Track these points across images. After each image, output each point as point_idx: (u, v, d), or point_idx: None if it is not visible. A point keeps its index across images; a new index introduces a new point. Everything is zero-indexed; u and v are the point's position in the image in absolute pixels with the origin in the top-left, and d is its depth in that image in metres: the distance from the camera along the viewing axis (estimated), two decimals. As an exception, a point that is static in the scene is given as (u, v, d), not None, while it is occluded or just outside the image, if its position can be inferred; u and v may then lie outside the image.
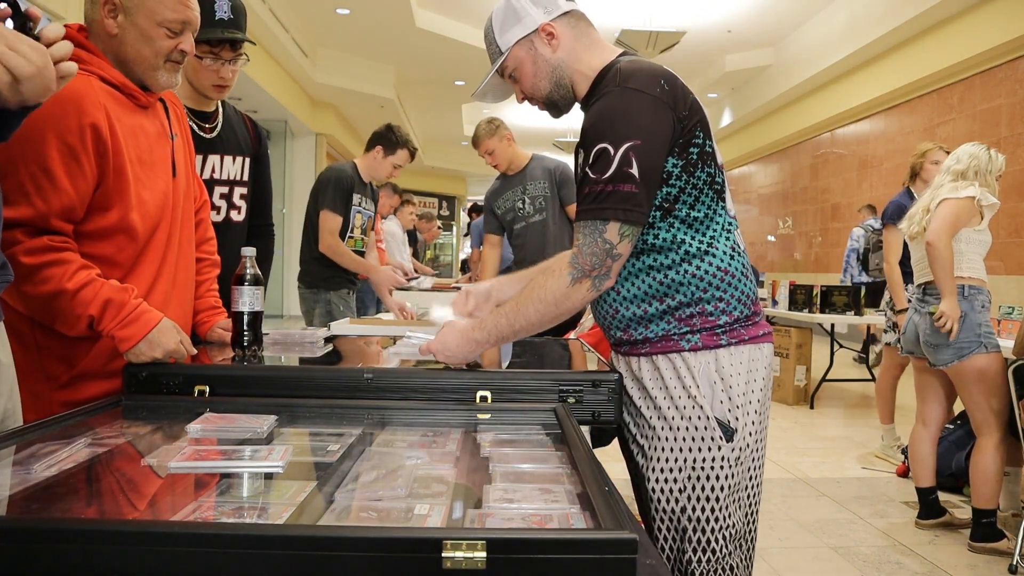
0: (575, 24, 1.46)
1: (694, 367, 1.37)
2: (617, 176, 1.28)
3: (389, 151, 3.58)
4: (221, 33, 1.89)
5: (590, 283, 1.33)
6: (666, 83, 1.33)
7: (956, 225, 2.96)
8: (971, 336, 2.95)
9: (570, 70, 1.44)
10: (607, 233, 1.31)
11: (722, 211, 1.40)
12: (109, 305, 1.34)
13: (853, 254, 8.02)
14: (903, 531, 3.25)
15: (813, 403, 5.99)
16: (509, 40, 1.44)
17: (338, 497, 0.85)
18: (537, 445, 1.12)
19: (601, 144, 1.30)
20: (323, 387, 1.38)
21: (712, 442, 1.35)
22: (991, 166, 3.07)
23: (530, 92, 1.48)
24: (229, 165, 2.15)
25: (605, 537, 0.69)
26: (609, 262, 1.32)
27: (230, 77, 1.97)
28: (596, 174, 1.31)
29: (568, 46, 1.44)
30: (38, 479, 0.89)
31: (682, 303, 1.38)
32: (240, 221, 2.21)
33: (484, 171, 20.29)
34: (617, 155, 1.28)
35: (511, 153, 3.68)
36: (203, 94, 2.01)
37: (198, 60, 1.91)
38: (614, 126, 1.31)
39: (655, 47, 8.12)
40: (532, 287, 1.37)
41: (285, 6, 9.01)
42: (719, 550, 1.36)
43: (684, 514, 1.36)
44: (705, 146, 1.36)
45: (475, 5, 9.40)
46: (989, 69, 7.48)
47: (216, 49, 1.91)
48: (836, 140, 10.83)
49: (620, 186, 1.29)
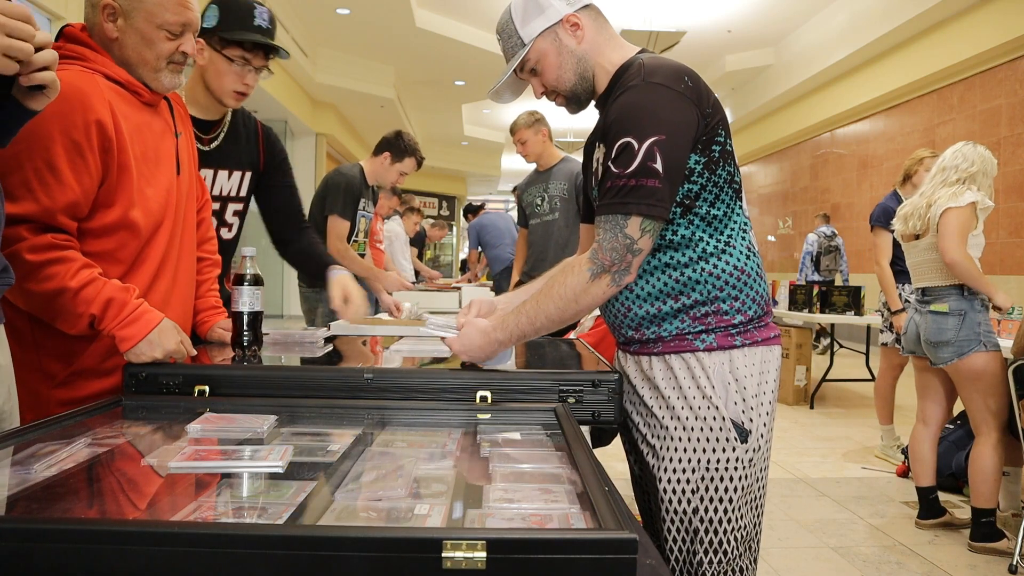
0: (595, 18, 1.45)
1: (709, 367, 1.36)
2: (641, 171, 1.27)
3: (397, 158, 3.59)
4: (260, 38, 1.85)
5: (610, 278, 1.32)
6: (690, 80, 1.33)
7: (965, 235, 2.95)
8: (970, 335, 2.96)
9: (592, 63, 1.43)
10: (628, 228, 1.29)
11: (740, 210, 1.40)
12: (111, 304, 1.34)
13: (807, 256, 8.96)
14: (903, 531, 3.25)
15: (813, 403, 5.99)
16: (533, 31, 1.41)
17: (338, 497, 0.85)
18: (537, 445, 1.12)
19: (625, 138, 1.29)
20: (323, 387, 1.38)
21: (727, 443, 1.34)
22: (987, 166, 3.08)
23: (553, 85, 1.45)
24: (224, 180, 2.04)
25: (605, 537, 0.69)
26: (630, 257, 1.30)
27: (252, 85, 1.92)
28: (619, 168, 1.29)
29: (591, 38, 1.42)
30: (38, 479, 0.89)
31: (697, 301, 1.37)
32: (231, 239, 2.12)
33: (484, 171, 20.33)
34: (642, 149, 1.27)
35: (542, 149, 3.76)
36: (219, 99, 1.92)
37: (227, 62, 1.85)
38: (639, 120, 1.29)
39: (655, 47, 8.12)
40: (552, 284, 1.36)
41: (285, 6, 9.02)
42: (731, 551, 1.35)
43: (696, 515, 1.36)
44: (726, 144, 1.36)
45: (475, 5, 9.41)
46: (989, 69, 7.48)
47: (249, 54, 1.87)
48: (836, 140, 10.83)
49: (644, 181, 1.27)
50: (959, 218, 2.95)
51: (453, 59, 10.81)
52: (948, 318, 3.01)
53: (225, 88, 1.89)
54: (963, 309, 2.98)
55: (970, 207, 2.96)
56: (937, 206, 3.02)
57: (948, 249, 2.93)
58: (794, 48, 10.52)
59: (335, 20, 9.69)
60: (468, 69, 11.14)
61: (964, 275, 2.94)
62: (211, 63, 1.86)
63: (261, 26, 1.87)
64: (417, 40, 10.17)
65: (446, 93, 13.20)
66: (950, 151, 3.13)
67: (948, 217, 2.97)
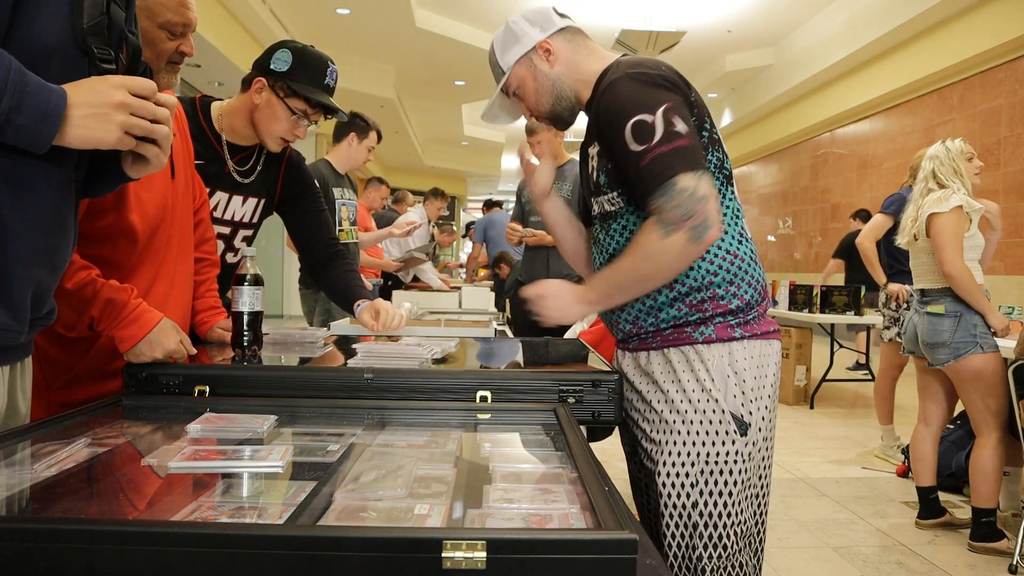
0: (571, 38, 1.50)
1: (708, 360, 1.37)
2: (667, 137, 1.26)
3: (362, 135, 3.58)
4: (327, 99, 1.85)
5: (688, 234, 1.24)
6: (666, 70, 1.37)
7: (958, 241, 2.95)
8: (966, 336, 2.96)
9: (571, 80, 1.48)
10: (680, 184, 1.24)
11: (732, 197, 1.42)
12: (109, 305, 1.35)
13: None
14: (903, 531, 3.25)
15: (813, 403, 5.99)
16: (510, 60, 1.49)
17: (338, 497, 0.85)
18: (537, 445, 1.12)
19: (635, 117, 1.28)
20: (323, 387, 1.38)
21: (727, 436, 1.35)
22: (951, 154, 3.08)
23: (534, 107, 1.53)
24: (237, 206, 1.97)
25: (605, 537, 0.69)
26: (700, 207, 1.23)
27: (301, 137, 1.91)
28: (644, 144, 1.27)
29: (566, 59, 1.48)
30: (38, 479, 0.89)
31: (692, 288, 1.38)
32: (235, 263, 2.03)
33: (484, 171, 20.33)
34: (657, 119, 1.27)
35: (558, 150, 3.78)
36: (263, 140, 1.89)
37: (286, 111, 1.83)
38: (639, 99, 1.30)
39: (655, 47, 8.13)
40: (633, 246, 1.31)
41: (285, 6, 9.01)
42: (730, 546, 1.36)
43: (696, 509, 1.36)
44: (713, 132, 1.39)
45: (475, 5, 9.41)
46: (989, 69, 7.48)
47: (311, 111, 1.86)
48: (836, 140, 10.82)
49: (674, 143, 1.25)
50: (947, 225, 2.96)
51: (453, 59, 10.81)
52: (944, 319, 3.01)
53: (274, 133, 1.87)
54: (959, 311, 2.99)
55: (956, 211, 2.96)
56: (924, 211, 3.06)
57: (945, 261, 2.94)
58: (794, 48, 10.52)
59: (335, 20, 9.68)
60: (468, 69, 11.14)
61: (962, 289, 2.95)
62: (268, 105, 1.83)
63: (329, 84, 1.87)
64: (417, 40, 10.17)
65: (446, 93, 13.20)
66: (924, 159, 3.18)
67: (936, 226, 2.99)
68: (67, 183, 1.03)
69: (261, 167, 1.98)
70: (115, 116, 0.92)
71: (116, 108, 0.92)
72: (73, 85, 0.92)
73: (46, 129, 0.88)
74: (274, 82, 1.82)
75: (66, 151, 0.94)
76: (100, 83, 0.93)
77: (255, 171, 1.97)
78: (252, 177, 1.96)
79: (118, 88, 0.93)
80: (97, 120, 0.91)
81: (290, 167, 2.07)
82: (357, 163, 3.66)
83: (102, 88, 0.92)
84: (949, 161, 3.07)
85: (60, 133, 0.90)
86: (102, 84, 0.93)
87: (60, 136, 0.90)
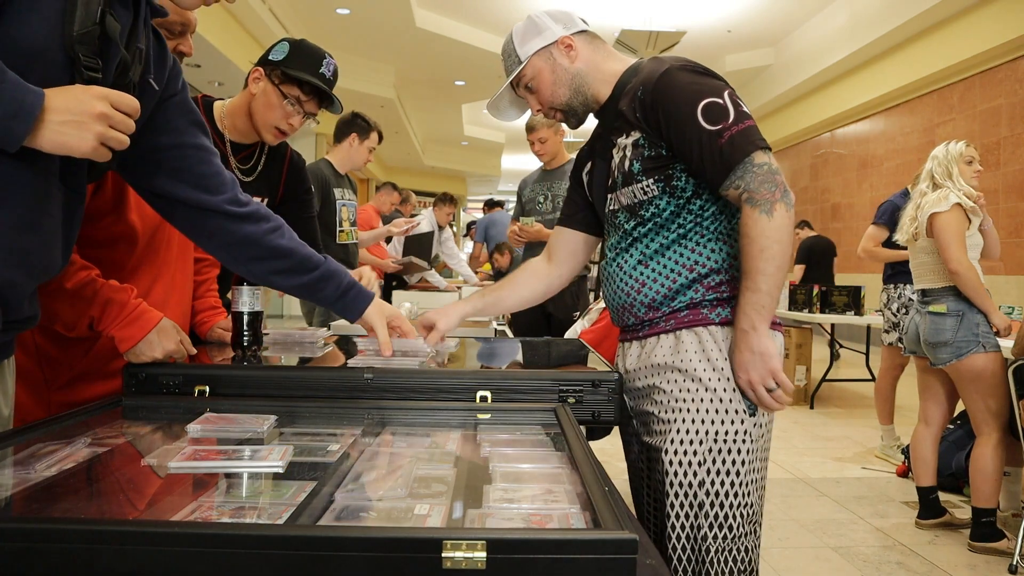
0: (591, 41, 1.56)
1: (721, 340, 1.39)
2: (739, 116, 1.35)
3: (363, 136, 3.58)
4: (320, 84, 1.83)
5: (782, 205, 1.33)
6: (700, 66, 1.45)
7: (961, 239, 2.97)
8: (969, 336, 2.96)
9: (590, 78, 1.53)
10: (757, 160, 1.33)
11: None
12: (109, 305, 1.34)
13: None
14: (903, 531, 3.25)
15: (813, 403, 5.99)
16: (529, 50, 1.52)
17: (338, 497, 0.85)
18: (537, 445, 1.12)
19: (705, 100, 1.35)
20: (323, 387, 1.38)
21: (736, 415, 1.37)
22: (949, 156, 3.11)
23: (548, 100, 1.55)
24: None
25: (605, 537, 0.69)
26: (778, 178, 1.33)
27: (296, 128, 1.90)
28: (719, 124, 1.34)
29: (586, 57, 1.53)
30: (38, 479, 0.89)
31: (712, 270, 1.41)
32: None
33: (484, 171, 20.33)
34: (727, 101, 1.36)
35: (558, 149, 3.78)
36: (258, 131, 1.89)
37: (280, 97, 1.82)
38: (701, 85, 1.38)
39: (655, 47, 8.12)
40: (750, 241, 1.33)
41: (285, 6, 9.02)
42: (736, 528, 1.36)
43: (703, 488, 1.37)
44: None
45: (475, 5, 9.41)
46: (989, 69, 7.48)
47: (304, 98, 1.84)
48: (836, 140, 10.83)
49: (746, 122, 1.35)
50: (949, 223, 2.98)
51: (453, 59, 10.81)
52: (946, 319, 3.01)
53: (268, 122, 1.86)
54: (961, 310, 2.99)
55: (955, 209, 2.99)
56: (923, 211, 3.08)
57: (951, 259, 2.96)
58: (794, 48, 10.52)
59: (335, 20, 9.69)
60: (468, 69, 11.14)
61: (967, 287, 2.96)
62: (264, 94, 1.84)
63: (325, 74, 1.86)
64: (417, 40, 10.17)
65: (446, 93, 13.20)
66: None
67: (938, 225, 3.01)
68: (45, 185, 1.02)
69: (263, 165, 1.98)
70: (93, 126, 0.92)
71: (95, 118, 0.92)
72: (56, 90, 0.91)
73: (17, 127, 0.87)
74: (270, 71, 1.83)
75: (48, 156, 0.94)
76: (83, 92, 0.93)
77: (256, 169, 1.97)
78: (254, 175, 1.97)
79: (100, 99, 0.93)
80: (74, 127, 0.91)
81: (292, 168, 2.07)
82: (358, 163, 3.66)
83: (84, 97, 0.92)
84: (945, 163, 3.10)
85: (33, 135, 0.89)
86: (84, 93, 0.93)
87: (33, 138, 0.89)
